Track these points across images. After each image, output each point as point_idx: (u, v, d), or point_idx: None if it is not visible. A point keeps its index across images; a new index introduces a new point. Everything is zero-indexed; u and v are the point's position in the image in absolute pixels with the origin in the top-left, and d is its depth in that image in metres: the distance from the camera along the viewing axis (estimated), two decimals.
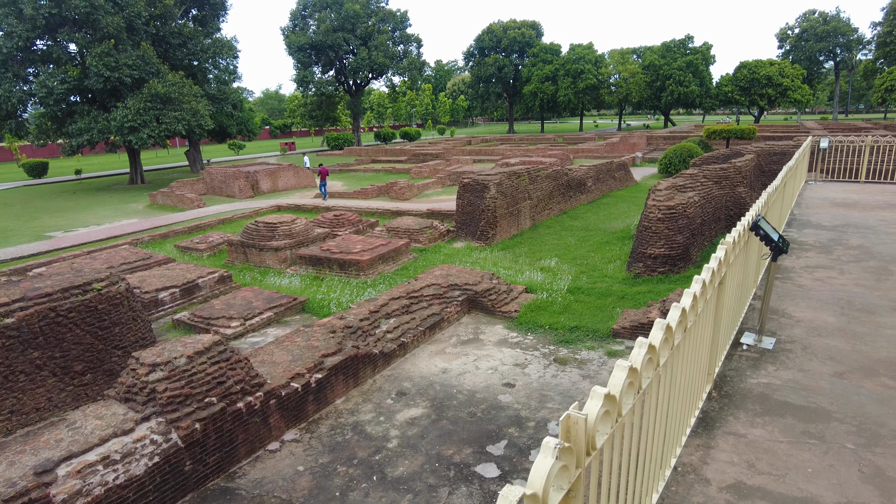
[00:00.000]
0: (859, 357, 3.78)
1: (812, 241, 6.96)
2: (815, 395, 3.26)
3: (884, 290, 5.06)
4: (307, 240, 16.71)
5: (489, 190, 17.35)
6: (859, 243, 6.77)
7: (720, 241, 3.06)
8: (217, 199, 29.36)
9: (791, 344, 4.04)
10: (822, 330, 4.26)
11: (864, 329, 4.24)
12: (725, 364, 3.72)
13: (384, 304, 10.90)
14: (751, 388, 3.38)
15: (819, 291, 5.11)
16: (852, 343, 4.00)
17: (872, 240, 6.97)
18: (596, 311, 11.37)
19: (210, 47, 41.09)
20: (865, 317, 4.46)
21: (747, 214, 3.67)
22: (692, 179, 15.58)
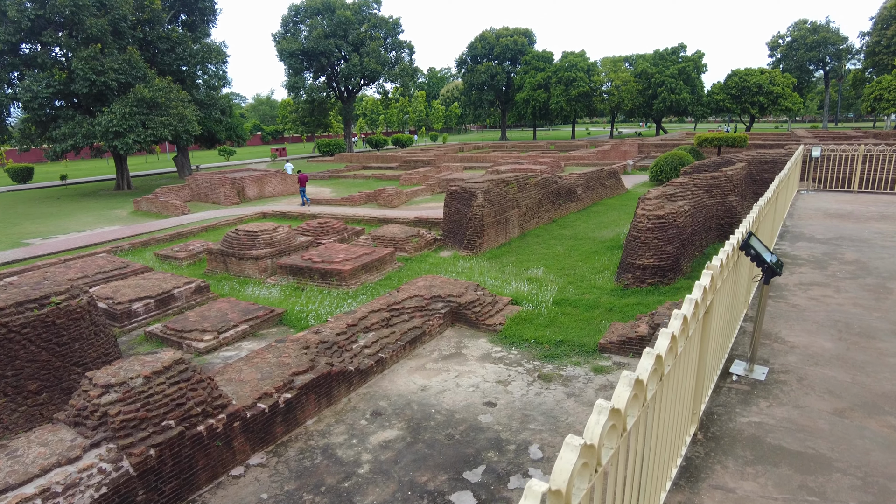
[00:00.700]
0: (861, 391, 3.42)
1: (806, 255, 6.62)
2: (814, 437, 2.89)
3: (883, 311, 4.70)
4: (289, 248, 16.28)
5: (476, 198, 16.99)
6: (855, 258, 6.43)
7: (706, 266, 2.71)
8: (202, 206, 28.86)
9: (785, 374, 3.67)
10: (819, 358, 3.89)
11: (864, 357, 3.88)
12: (713, 399, 3.34)
13: (363, 317, 10.49)
14: (741, 428, 3.01)
15: (814, 312, 4.75)
16: (852, 374, 3.64)
17: (868, 254, 6.64)
18: (583, 324, 11.00)
19: (198, 52, 40.67)
20: (865, 342, 4.10)
21: (737, 231, 3.31)
22: (682, 188, 15.29)
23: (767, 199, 4.95)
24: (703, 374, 2.87)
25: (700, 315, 2.46)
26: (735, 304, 3.97)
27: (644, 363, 2.11)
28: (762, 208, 4.44)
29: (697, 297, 2.37)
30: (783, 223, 8.57)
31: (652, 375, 2.14)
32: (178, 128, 34.62)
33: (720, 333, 3.32)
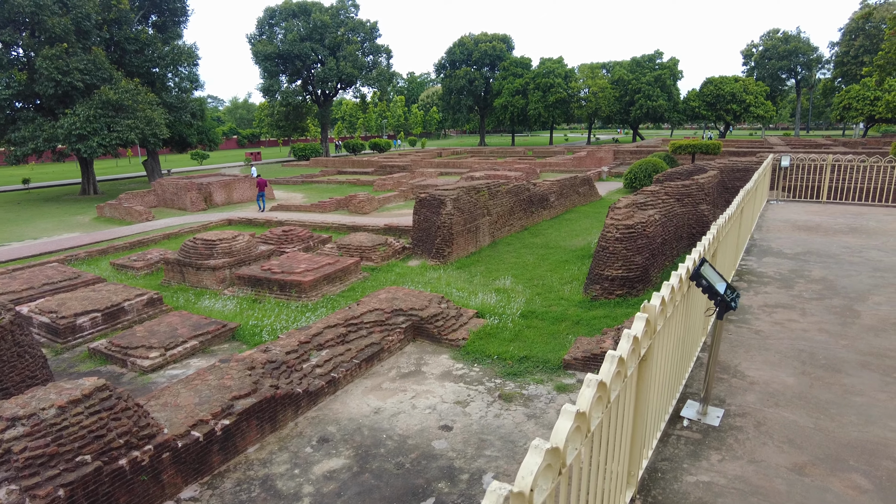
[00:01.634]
0: (824, 440, 3.03)
1: (772, 272, 6.29)
2: (769, 503, 2.49)
3: (850, 339, 4.35)
4: (249, 258, 15.65)
5: (445, 206, 16.55)
6: (822, 275, 6.11)
7: (642, 306, 2.30)
8: (168, 212, 27.98)
9: (742, 418, 3.28)
10: (780, 396, 3.51)
11: (828, 395, 3.50)
12: (659, 450, 2.92)
13: (317, 333, 9.96)
14: (687, 491, 2.59)
15: (778, 340, 4.37)
16: (815, 417, 3.26)
17: (836, 271, 6.33)
18: (548, 338, 10.60)
19: (168, 54, 39.68)
20: (830, 376, 3.73)
21: (688, 258, 2.92)
22: (653, 197, 15.03)
23: (729, 215, 4.58)
24: (642, 427, 2.45)
25: (626, 373, 2.04)
26: (690, 336, 3.57)
27: (561, 428, 1.69)
28: (721, 228, 4.06)
29: (624, 351, 1.95)
30: (751, 236, 8.28)
31: (571, 439, 1.72)
32: (145, 131, 33.64)
33: (667, 375, 2.91)
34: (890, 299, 5.22)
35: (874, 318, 4.80)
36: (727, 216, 4.55)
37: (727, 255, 5.24)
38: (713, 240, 3.72)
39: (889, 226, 8.95)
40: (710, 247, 3.53)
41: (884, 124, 70.34)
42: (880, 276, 6.08)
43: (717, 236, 3.89)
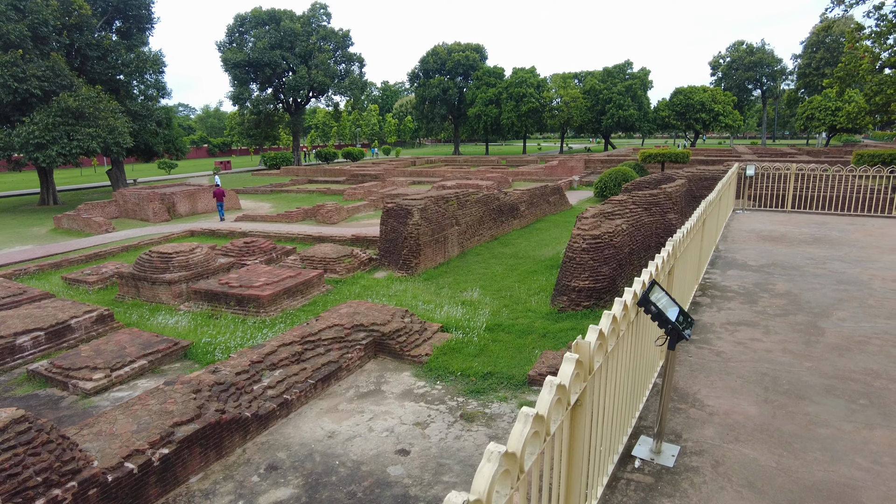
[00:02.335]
0: (786, 482, 2.75)
1: (736, 285, 6.07)
2: None
3: (814, 360, 4.11)
4: (207, 271, 15.05)
5: (412, 216, 16.20)
6: (787, 289, 5.91)
7: (573, 344, 1.98)
8: (129, 223, 27.05)
9: (699, 457, 2.98)
10: (741, 429, 3.22)
11: (792, 427, 3.24)
12: (606, 498, 2.60)
13: (271, 351, 9.48)
14: None
15: (740, 363, 4.11)
16: (778, 454, 2.98)
17: (800, 284, 6.14)
18: (514, 352, 10.29)
19: (133, 61, 38.66)
20: (794, 404, 3.46)
21: (636, 281, 2.61)
22: (621, 206, 14.91)
23: (687, 229, 4.32)
24: (579, 484, 2.13)
25: (551, 428, 1.70)
26: (643, 362, 3.28)
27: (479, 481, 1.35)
28: (678, 244, 3.78)
29: (544, 406, 1.62)
30: (716, 247, 8.10)
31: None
32: (107, 140, 32.59)
33: (614, 413, 2.59)
34: (853, 315, 5.04)
35: (838, 336, 4.59)
36: (686, 230, 4.29)
37: (688, 270, 4.99)
38: (668, 257, 3.43)
39: (851, 235, 8.88)
40: (663, 265, 3.24)
41: (845, 134, 72.45)
42: (843, 289, 5.93)
43: (672, 253, 3.61)
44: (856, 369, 3.92)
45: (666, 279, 3.51)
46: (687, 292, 5.09)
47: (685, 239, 4.15)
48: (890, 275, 6.46)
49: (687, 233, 4.27)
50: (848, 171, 11.54)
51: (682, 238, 3.89)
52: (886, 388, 3.60)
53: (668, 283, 3.65)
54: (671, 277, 3.70)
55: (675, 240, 3.71)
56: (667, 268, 3.46)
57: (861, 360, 4.06)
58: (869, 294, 5.77)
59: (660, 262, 3.11)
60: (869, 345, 4.38)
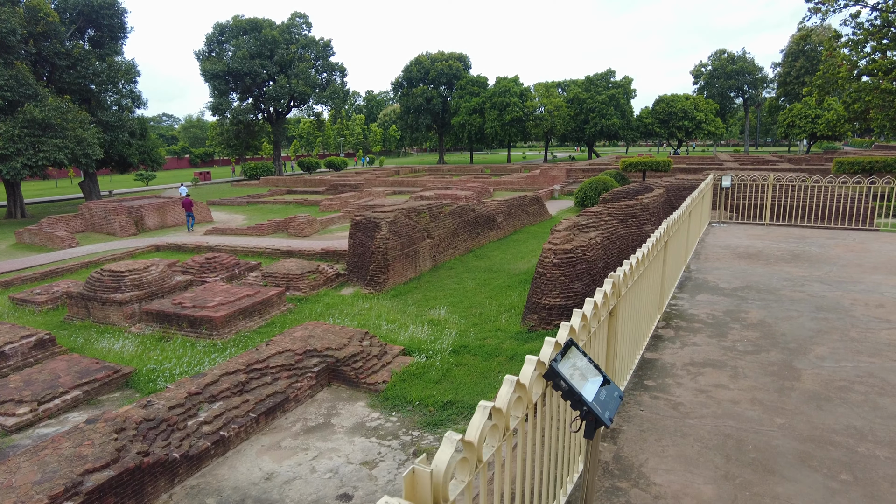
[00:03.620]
0: None
1: (705, 314, 5.46)
2: None
3: (787, 415, 3.48)
4: (162, 290, 14.24)
5: (381, 229, 15.52)
6: (761, 318, 5.30)
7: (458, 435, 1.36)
8: (95, 238, 26.08)
9: None
10: None
11: None
12: None
13: (213, 381, 8.73)
14: None
15: (700, 419, 3.47)
16: None
17: (776, 311, 5.53)
18: (479, 377, 9.62)
19: (104, 71, 37.72)
20: (760, 482, 2.83)
21: (547, 343, 1.97)
22: (596, 218, 14.34)
23: (641, 256, 3.69)
24: None
25: None
26: (565, 444, 2.63)
27: None
28: (621, 281, 3.13)
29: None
30: (687, 267, 7.50)
31: None
32: (75, 151, 31.62)
33: None
34: (834, 351, 4.42)
35: (816, 381, 3.96)
36: (640, 256, 3.66)
37: (646, 299, 4.37)
38: (603, 301, 2.79)
39: (831, 251, 8.33)
40: (594, 313, 2.60)
41: (825, 141, 73.05)
42: (823, 317, 5.34)
43: (614, 291, 2.97)
44: (836, 427, 3.29)
45: (603, 326, 2.89)
46: (645, 328, 4.47)
47: (635, 270, 3.51)
48: (873, 299, 5.86)
49: (640, 261, 3.64)
50: (827, 182, 11.08)
51: (627, 273, 3.25)
52: (873, 456, 2.98)
53: (608, 330, 3.02)
54: (613, 322, 3.07)
55: (618, 276, 3.08)
56: (604, 311, 2.82)
57: (843, 415, 3.43)
58: (851, 324, 5.21)
59: (589, 310, 2.48)
60: (851, 392, 3.75)
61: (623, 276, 3.13)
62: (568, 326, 2.25)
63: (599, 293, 2.71)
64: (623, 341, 3.56)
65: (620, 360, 3.52)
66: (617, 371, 3.36)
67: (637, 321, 4.06)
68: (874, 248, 8.55)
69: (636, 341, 4.20)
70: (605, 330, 3.04)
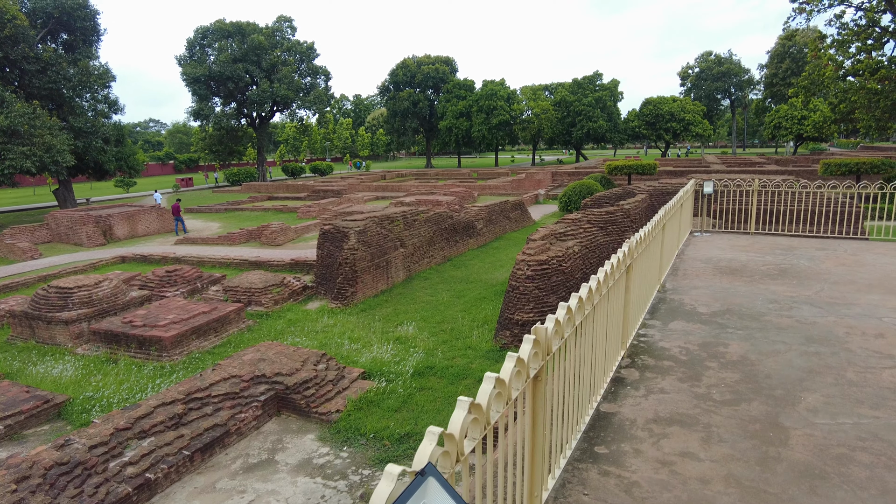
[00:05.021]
0: None
1: (678, 348, 4.69)
2: None
3: (772, 500, 2.70)
4: (115, 307, 13.35)
5: (349, 239, 14.71)
6: (742, 353, 4.57)
7: None
8: (61, 249, 25.05)
9: None
10: None
11: None
12: None
13: (146, 413, 7.88)
14: None
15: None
16: None
17: (760, 344, 4.80)
18: (443, 403, 8.84)
19: (76, 75, 36.65)
20: None
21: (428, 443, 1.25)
22: (574, 226, 13.63)
23: (588, 292, 2.94)
24: None
25: None
26: None
27: None
28: (547, 338, 2.34)
29: None
30: (661, 286, 6.76)
31: None
32: (43, 158, 30.57)
33: None
34: (828, 400, 3.66)
35: (809, 447, 3.16)
36: (593, 286, 2.91)
37: (604, 334, 3.62)
38: (518, 371, 2.01)
39: (822, 265, 7.62)
40: (483, 412, 1.82)
41: (811, 142, 73.06)
42: (814, 352, 4.67)
43: (541, 349, 2.20)
44: None
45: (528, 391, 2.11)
46: (605, 367, 3.71)
47: (572, 318, 2.75)
48: (870, 327, 5.10)
49: (585, 298, 2.89)
50: (816, 188, 10.42)
51: (562, 320, 2.47)
52: None
53: (532, 400, 2.24)
54: (538, 389, 2.28)
55: (544, 330, 2.30)
56: (503, 400, 2.03)
57: (845, 502, 2.66)
58: (847, 360, 4.49)
59: (487, 393, 1.69)
60: (853, 464, 2.97)
61: (553, 329, 2.37)
62: (424, 451, 1.49)
63: (524, 348, 1.95)
64: (565, 405, 2.80)
65: (555, 440, 2.75)
66: (552, 453, 2.58)
67: (591, 365, 3.32)
68: (868, 261, 7.86)
69: (589, 390, 3.45)
70: (528, 399, 2.28)
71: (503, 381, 1.99)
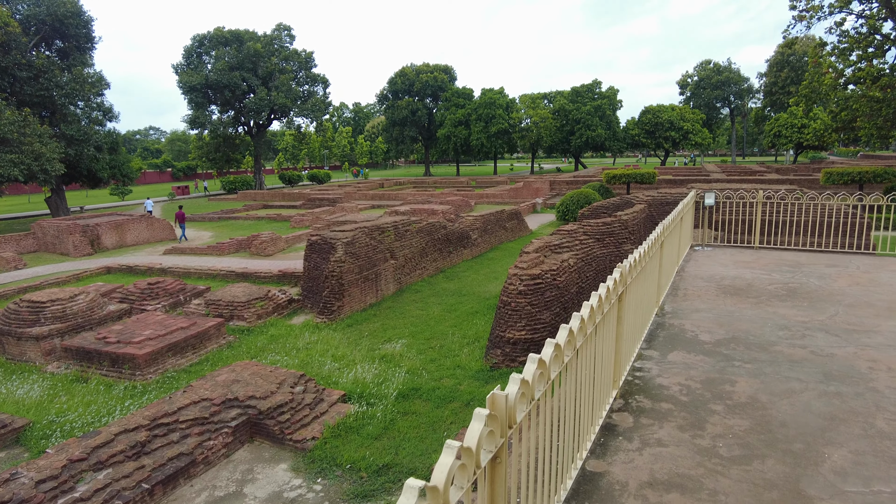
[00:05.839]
0: None
1: (678, 385, 4.12)
2: None
3: None
4: (91, 322, 12.79)
5: (336, 251, 14.18)
6: (751, 393, 3.99)
7: None
8: (47, 258, 24.49)
9: None
10: None
11: None
12: None
13: (106, 442, 7.31)
14: None
15: None
16: None
17: (771, 381, 4.23)
18: (427, 430, 8.26)
19: (69, 83, 36.25)
20: None
21: None
22: (570, 237, 13.09)
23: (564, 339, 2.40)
24: None
25: None
26: None
27: None
28: (509, 406, 1.80)
29: None
30: (660, 308, 6.21)
31: None
32: (32, 167, 30.09)
33: None
34: (858, 458, 3.04)
35: None
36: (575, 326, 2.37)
37: (590, 375, 3.08)
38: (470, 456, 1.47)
39: (834, 284, 7.08)
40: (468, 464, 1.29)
41: (811, 151, 72.70)
42: (835, 391, 4.02)
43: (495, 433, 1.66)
44: None
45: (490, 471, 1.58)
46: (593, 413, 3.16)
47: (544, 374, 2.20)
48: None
49: (557, 352, 2.35)
50: (824, 200, 9.90)
51: (516, 396, 1.92)
52: None
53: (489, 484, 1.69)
54: (495, 476, 1.73)
55: (505, 397, 1.75)
56: None
57: None
58: (875, 405, 3.80)
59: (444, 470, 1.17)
60: None
61: (517, 394, 1.83)
62: None
63: (473, 428, 1.42)
64: (539, 474, 2.26)
65: None
66: None
67: (575, 417, 2.79)
68: (883, 279, 7.31)
69: (572, 446, 2.91)
70: (485, 488, 1.74)
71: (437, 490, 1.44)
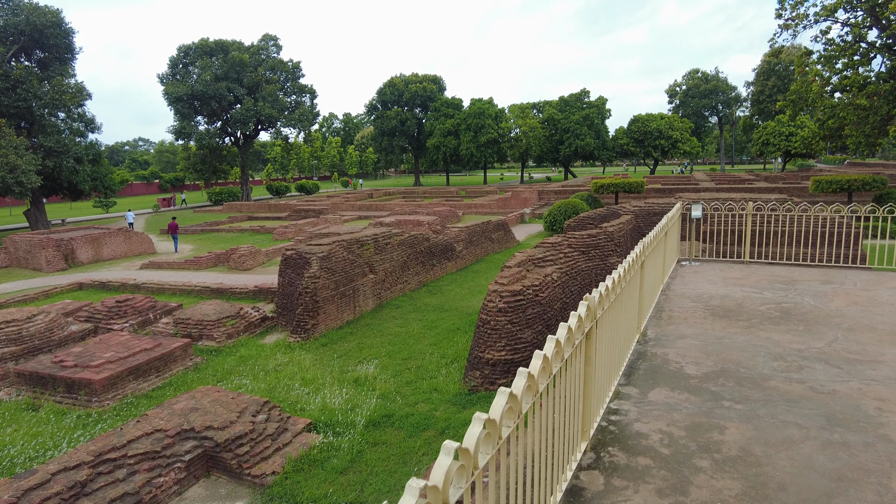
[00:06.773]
0: None
1: (658, 433, 3.56)
2: None
3: None
4: (49, 344, 12.11)
5: (310, 266, 13.59)
6: (743, 444, 3.45)
7: None
8: (18, 274, 23.70)
9: None
10: None
11: None
12: None
13: (39, 484, 6.66)
14: None
15: None
16: None
17: (766, 427, 3.68)
18: (398, 463, 7.67)
19: (47, 93, 35.56)
20: None
21: None
22: (554, 250, 12.59)
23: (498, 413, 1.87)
24: None
25: None
26: None
27: None
28: (448, 475, 1.31)
29: None
30: (643, 334, 5.69)
31: None
32: (6, 179, 29.32)
33: None
34: None
35: None
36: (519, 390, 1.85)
37: (556, 428, 2.55)
38: None
39: (830, 304, 6.58)
40: None
41: (799, 159, 72.97)
42: (840, 441, 3.46)
43: None
44: None
45: None
46: (550, 481, 2.62)
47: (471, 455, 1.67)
48: None
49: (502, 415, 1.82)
50: (817, 211, 9.47)
51: (483, 435, 1.40)
52: None
53: None
54: None
55: (438, 475, 1.24)
56: None
57: None
58: (889, 460, 3.22)
59: None
60: None
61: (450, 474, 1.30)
62: None
63: None
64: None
65: None
66: None
67: (532, 480, 2.25)
68: (882, 298, 6.83)
69: None
70: None
71: None
